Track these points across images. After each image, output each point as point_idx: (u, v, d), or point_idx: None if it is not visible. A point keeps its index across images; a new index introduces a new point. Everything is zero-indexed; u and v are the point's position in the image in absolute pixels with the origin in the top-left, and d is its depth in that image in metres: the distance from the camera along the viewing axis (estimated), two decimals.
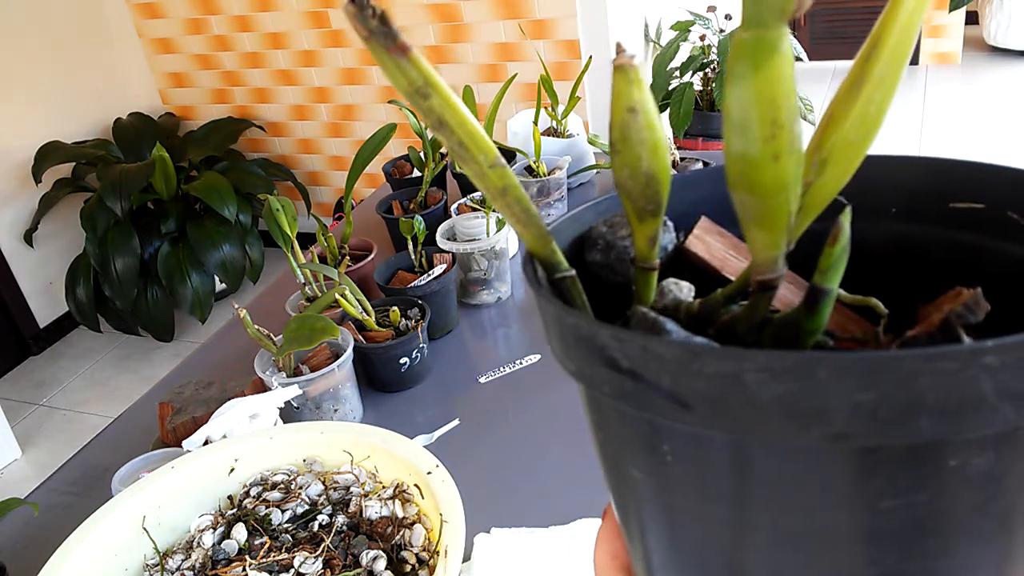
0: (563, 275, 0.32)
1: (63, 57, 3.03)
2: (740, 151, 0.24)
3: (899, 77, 0.24)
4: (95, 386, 2.82)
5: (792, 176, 0.24)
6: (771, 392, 0.23)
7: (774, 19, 0.22)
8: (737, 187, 0.25)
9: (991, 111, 3.82)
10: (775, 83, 0.23)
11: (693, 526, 0.29)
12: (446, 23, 2.75)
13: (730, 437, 0.26)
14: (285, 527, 0.72)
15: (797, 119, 0.24)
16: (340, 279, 1.03)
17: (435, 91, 0.25)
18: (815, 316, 0.27)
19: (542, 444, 0.95)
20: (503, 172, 0.27)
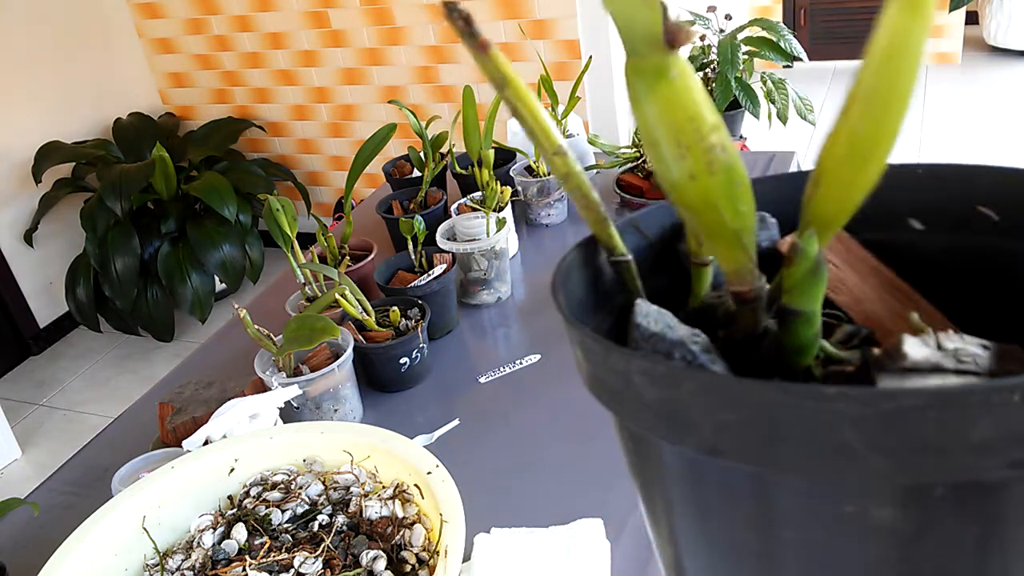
0: (618, 259, 0.32)
1: (63, 57, 3.03)
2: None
3: (899, 91, 0.23)
4: (95, 386, 2.82)
5: (718, 194, 0.24)
6: (652, 395, 0.24)
7: (648, 48, 0.22)
8: (676, 204, 0.26)
9: (991, 111, 3.82)
10: (671, 108, 0.23)
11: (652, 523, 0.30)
12: (446, 23, 2.74)
13: (643, 434, 0.27)
14: (285, 527, 0.72)
15: (713, 139, 0.23)
16: (340, 279, 1.03)
17: (509, 84, 0.28)
18: (789, 335, 0.27)
19: (542, 444, 0.95)
20: (566, 160, 0.29)
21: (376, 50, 2.92)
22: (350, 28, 2.91)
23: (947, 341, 0.24)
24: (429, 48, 2.82)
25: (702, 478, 0.27)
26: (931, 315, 0.30)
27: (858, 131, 0.24)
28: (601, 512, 0.80)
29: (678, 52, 0.22)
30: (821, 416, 0.21)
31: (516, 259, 1.38)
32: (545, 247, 1.43)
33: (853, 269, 0.31)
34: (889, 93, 0.23)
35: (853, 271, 0.31)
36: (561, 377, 1.05)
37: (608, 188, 1.57)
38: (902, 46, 0.22)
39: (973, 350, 0.24)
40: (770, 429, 0.22)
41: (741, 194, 0.25)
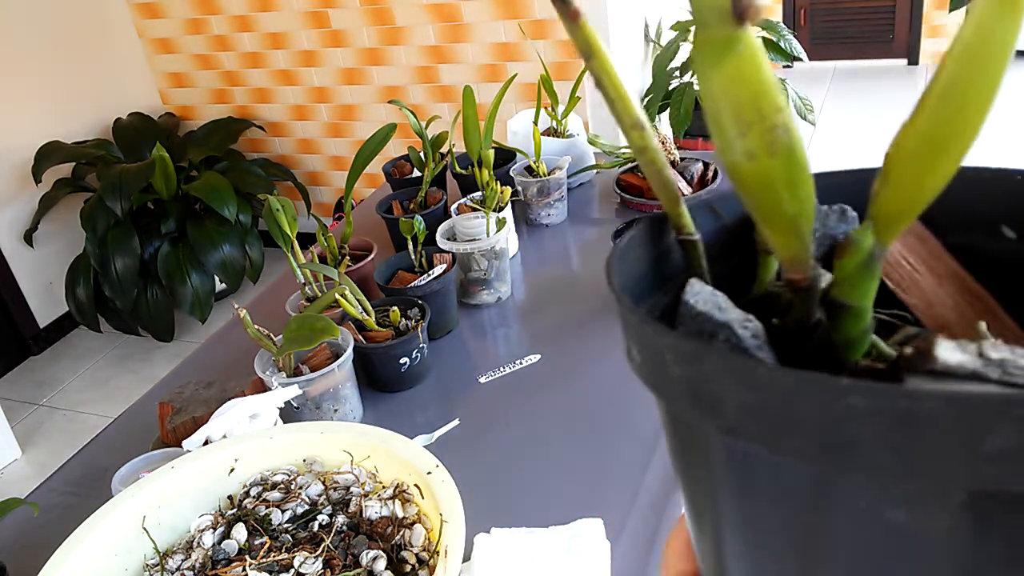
0: (686, 238, 0.32)
1: (63, 57, 3.03)
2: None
3: (979, 88, 0.22)
4: (95, 386, 2.82)
5: (777, 176, 0.24)
6: (677, 371, 0.24)
7: (717, 20, 0.22)
8: (733, 185, 0.26)
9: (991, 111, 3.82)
10: (735, 83, 0.23)
11: (705, 513, 0.30)
12: (446, 23, 2.75)
13: (682, 417, 0.27)
14: (285, 527, 0.72)
15: (776, 119, 0.23)
16: (340, 279, 1.03)
17: (595, 54, 0.29)
18: (838, 329, 0.27)
19: (542, 444, 0.95)
20: (643, 134, 0.29)
21: (376, 50, 2.92)
22: (350, 28, 2.91)
23: (992, 351, 0.23)
24: (429, 48, 2.82)
25: (742, 467, 0.26)
26: (1006, 326, 0.29)
27: (931, 127, 0.23)
28: (601, 512, 0.80)
29: (747, 27, 0.22)
30: (832, 407, 0.21)
31: (516, 259, 1.38)
32: (545, 247, 1.43)
33: (931, 271, 0.31)
34: (967, 89, 0.23)
35: (930, 273, 0.30)
36: (561, 377, 1.05)
37: (608, 188, 1.57)
38: (987, 39, 0.22)
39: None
40: (784, 415, 0.22)
41: (801, 179, 0.24)
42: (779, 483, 0.25)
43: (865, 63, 4.66)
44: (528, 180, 1.44)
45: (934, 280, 0.30)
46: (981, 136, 0.25)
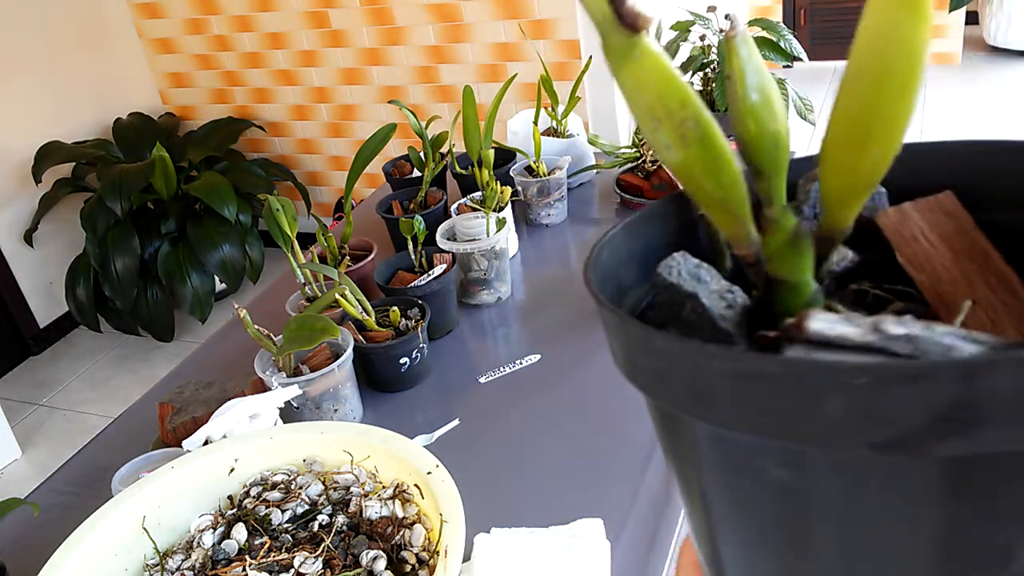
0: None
1: (63, 57, 3.03)
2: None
3: (892, 77, 0.23)
4: (95, 386, 2.82)
5: (694, 165, 0.26)
6: (640, 360, 0.26)
7: (612, 31, 0.24)
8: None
9: (991, 111, 3.82)
10: (640, 85, 0.25)
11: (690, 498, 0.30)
12: (446, 23, 2.75)
13: (663, 406, 0.29)
14: (285, 527, 0.72)
15: (684, 114, 0.25)
16: (340, 279, 1.03)
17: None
18: (776, 302, 0.29)
19: (542, 444, 0.95)
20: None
21: (376, 50, 2.92)
22: (350, 28, 2.91)
23: (895, 326, 0.24)
24: (429, 48, 2.82)
25: (719, 450, 0.27)
26: (1019, 305, 0.29)
27: (849, 117, 0.25)
28: (601, 512, 0.80)
29: (641, 35, 0.24)
30: (701, 369, 0.23)
31: (516, 259, 1.38)
32: (545, 247, 1.43)
33: (949, 248, 0.30)
34: (876, 80, 0.24)
35: (949, 250, 0.30)
36: (561, 377, 1.05)
37: (608, 188, 1.57)
38: (886, 33, 0.23)
39: (948, 342, 0.23)
40: (678, 379, 0.24)
41: (721, 166, 0.26)
42: (726, 452, 0.27)
43: None
44: (528, 180, 1.44)
45: (950, 257, 0.30)
46: (980, 136, 0.25)
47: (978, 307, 0.28)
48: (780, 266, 0.28)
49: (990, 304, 0.28)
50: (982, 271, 0.29)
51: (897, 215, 0.32)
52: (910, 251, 0.31)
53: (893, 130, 0.24)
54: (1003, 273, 0.29)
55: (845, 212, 0.27)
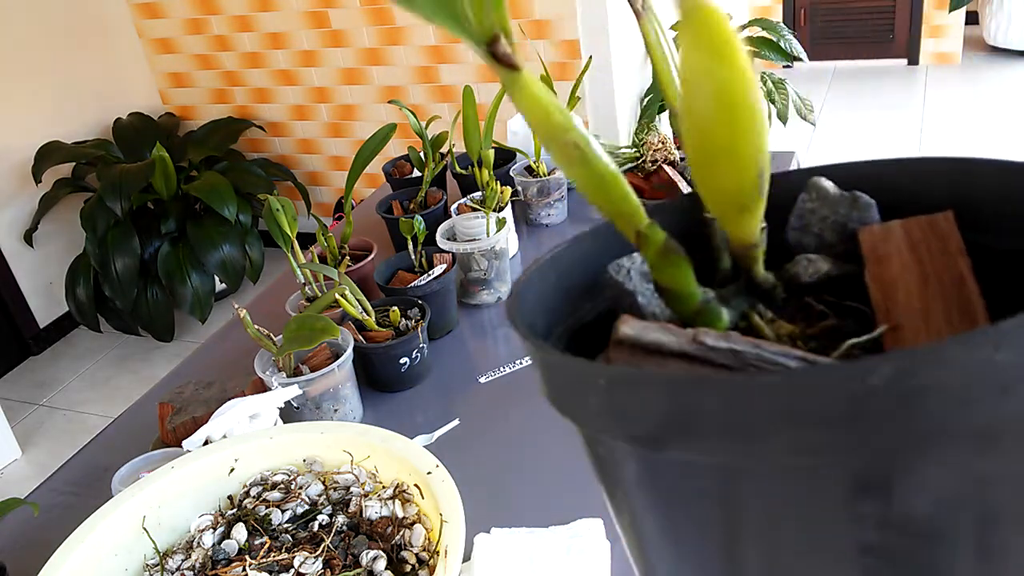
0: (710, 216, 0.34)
1: (63, 57, 3.03)
2: None
3: (719, 111, 0.25)
4: (95, 386, 2.82)
5: (583, 181, 0.28)
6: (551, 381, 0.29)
7: (495, 66, 0.27)
8: None
9: (991, 111, 3.82)
10: (527, 112, 0.27)
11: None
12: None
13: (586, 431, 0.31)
14: (285, 527, 0.72)
15: (565, 138, 0.27)
16: (340, 279, 1.03)
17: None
18: (670, 307, 0.31)
19: (542, 444, 0.95)
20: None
21: (376, 50, 2.92)
22: (350, 28, 2.91)
23: (712, 339, 0.26)
24: (429, 48, 2.82)
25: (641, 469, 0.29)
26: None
27: (695, 144, 0.27)
28: (601, 512, 0.80)
29: (520, 71, 0.27)
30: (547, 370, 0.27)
31: (516, 259, 1.38)
32: (545, 247, 1.43)
33: (922, 271, 0.30)
34: (705, 116, 0.26)
35: (920, 273, 0.30)
36: None
37: None
38: (706, 79, 0.25)
39: (778, 359, 0.25)
40: (575, 394, 0.27)
41: (607, 184, 0.28)
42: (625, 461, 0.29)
43: (865, 63, 4.67)
44: (528, 180, 1.44)
45: (918, 281, 0.30)
46: (980, 136, 0.25)
47: (934, 332, 0.28)
48: (661, 276, 0.30)
49: (939, 336, 0.28)
50: (947, 300, 0.29)
51: (881, 232, 0.31)
52: (878, 270, 0.30)
53: (735, 158, 0.26)
54: (969, 305, 0.28)
55: (734, 227, 0.28)
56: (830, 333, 0.30)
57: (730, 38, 0.24)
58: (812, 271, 0.31)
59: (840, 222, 0.32)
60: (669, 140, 1.49)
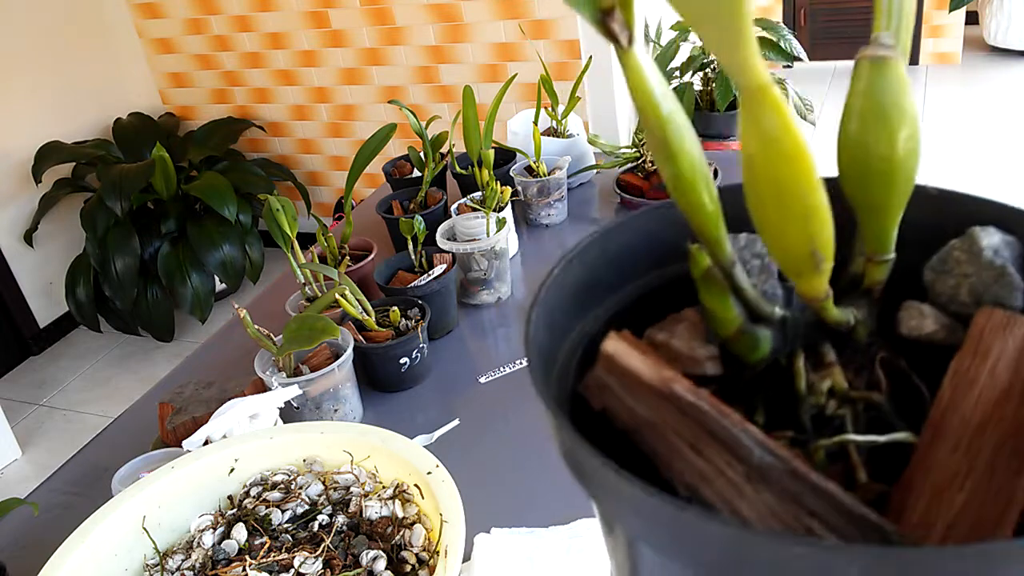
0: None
1: (63, 57, 3.03)
2: None
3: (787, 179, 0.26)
4: (95, 386, 2.82)
5: (665, 170, 0.29)
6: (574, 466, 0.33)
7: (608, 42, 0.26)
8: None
9: (991, 111, 3.82)
10: (632, 92, 0.27)
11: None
12: (446, 23, 2.75)
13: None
14: (285, 527, 0.72)
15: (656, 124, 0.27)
16: (340, 279, 1.03)
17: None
18: (711, 327, 0.33)
19: (542, 444, 0.94)
20: None
21: (376, 50, 2.92)
22: (350, 28, 2.91)
23: (688, 394, 0.28)
24: (429, 48, 2.82)
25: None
26: (1007, 497, 0.26)
27: (757, 212, 0.27)
28: None
29: (627, 48, 0.26)
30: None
31: (516, 259, 1.38)
32: (545, 247, 1.43)
33: (1007, 388, 0.27)
34: (772, 196, 0.26)
35: (1003, 389, 0.27)
36: None
37: (608, 188, 1.57)
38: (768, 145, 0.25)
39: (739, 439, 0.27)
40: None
41: (683, 185, 0.28)
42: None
43: None
44: (528, 180, 1.44)
45: (998, 396, 0.27)
46: (980, 136, 0.26)
47: (967, 480, 0.25)
48: (703, 296, 0.30)
49: (979, 484, 0.25)
50: (1008, 439, 0.25)
51: (1001, 321, 0.28)
52: (966, 363, 0.28)
53: (786, 238, 0.26)
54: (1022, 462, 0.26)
55: (797, 283, 0.28)
56: (869, 407, 0.29)
57: (792, 130, 0.24)
58: (913, 326, 0.30)
59: (978, 289, 0.30)
60: None
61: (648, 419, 0.28)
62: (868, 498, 0.26)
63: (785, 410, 0.30)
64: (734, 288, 0.30)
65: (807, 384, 0.30)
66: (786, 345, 0.31)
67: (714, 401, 0.27)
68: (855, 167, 0.27)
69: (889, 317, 0.31)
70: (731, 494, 0.25)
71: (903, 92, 0.25)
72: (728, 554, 0.22)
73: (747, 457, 0.26)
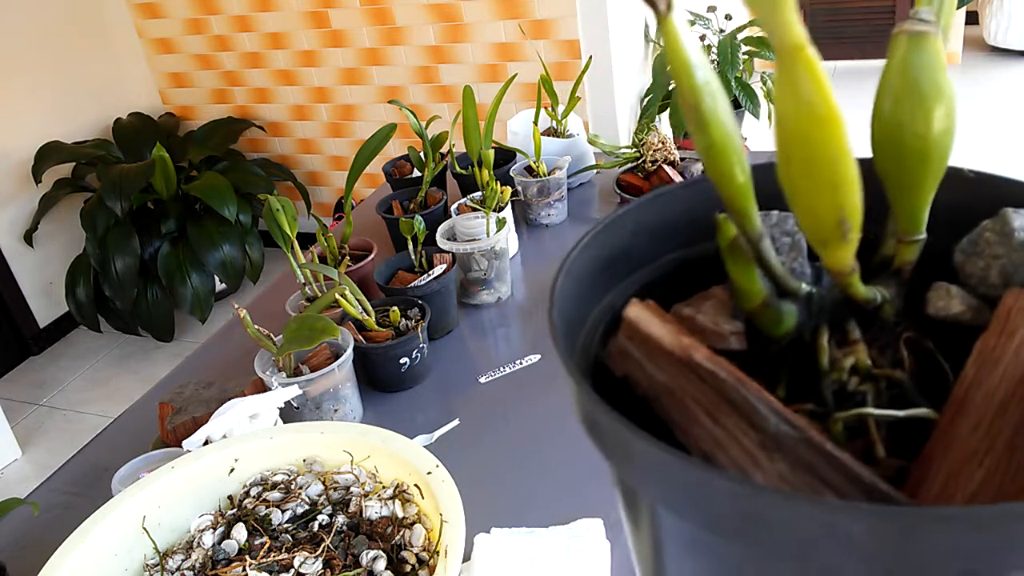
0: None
1: (63, 57, 3.03)
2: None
3: (817, 151, 0.26)
4: (95, 386, 2.82)
5: (697, 139, 0.28)
6: (595, 426, 0.30)
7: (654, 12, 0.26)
8: None
9: (991, 111, 3.82)
10: (671, 53, 0.27)
11: None
12: (446, 23, 2.75)
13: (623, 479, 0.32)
14: (285, 527, 0.72)
15: (690, 94, 0.27)
16: (340, 279, 1.03)
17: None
18: (738, 302, 0.33)
19: (542, 444, 0.95)
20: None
21: (376, 50, 2.92)
22: (350, 28, 2.90)
23: (706, 362, 0.28)
24: (429, 48, 2.82)
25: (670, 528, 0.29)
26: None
27: (790, 183, 0.27)
28: (601, 512, 0.80)
29: (666, 15, 0.26)
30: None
31: (516, 259, 1.38)
32: (545, 247, 1.43)
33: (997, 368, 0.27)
34: (805, 162, 0.26)
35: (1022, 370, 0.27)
36: (561, 377, 1.05)
37: (608, 188, 1.57)
38: (808, 136, 0.26)
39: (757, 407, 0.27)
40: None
41: (716, 154, 0.28)
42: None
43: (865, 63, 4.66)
44: (528, 180, 1.44)
45: (1017, 377, 0.27)
46: (980, 136, 0.26)
47: (987, 458, 0.25)
48: (729, 267, 0.30)
49: (998, 462, 0.25)
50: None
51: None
52: (992, 341, 0.28)
53: (816, 203, 0.26)
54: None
55: (823, 255, 0.28)
56: (892, 384, 0.29)
57: (826, 93, 0.24)
58: (941, 307, 0.30)
59: (1009, 270, 0.30)
60: (669, 140, 1.49)
61: (667, 386, 0.28)
62: (887, 474, 0.26)
63: (807, 385, 0.30)
64: (761, 262, 0.30)
65: (830, 360, 0.30)
66: (811, 321, 0.31)
67: (732, 369, 0.27)
68: (889, 145, 0.27)
69: (919, 298, 0.31)
70: (745, 461, 0.25)
71: (940, 69, 0.25)
72: (738, 512, 0.22)
73: (763, 425, 0.26)
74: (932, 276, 0.31)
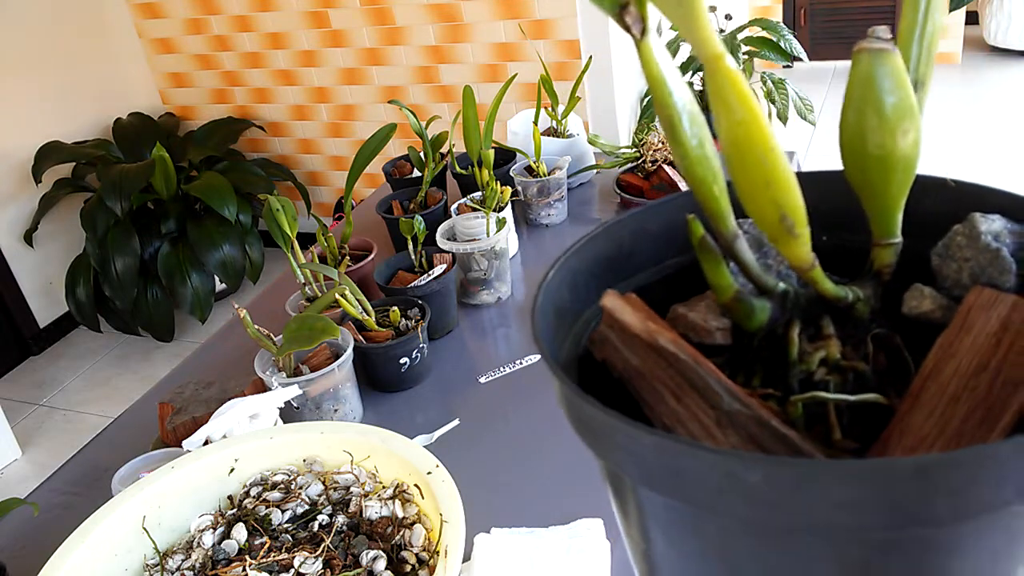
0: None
1: (63, 57, 3.03)
2: None
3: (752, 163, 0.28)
4: (95, 386, 2.82)
5: (674, 149, 0.30)
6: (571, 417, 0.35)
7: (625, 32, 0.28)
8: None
9: (991, 111, 3.82)
10: (648, 74, 0.28)
11: None
12: (446, 23, 2.75)
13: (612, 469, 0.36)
14: (285, 527, 0.72)
15: (663, 109, 0.29)
16: (340, 279, 1.03)
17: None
18: (713, 292, 0.35)
19: (542, 444, 0.95)
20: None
21: (376, 50, 2.92)
22: (350, 28, 2.90)
23: (668, 344, 0.31)
24: (429, 48, 2.82)
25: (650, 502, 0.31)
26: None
27: (737, 182, 0.29)
28: (601, 512, 0.80)
29: (641, 39, 0.27)
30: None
31: (516, 259, 1.38)
32: (545, 247, 1.43)
33: (985, 357, 0.28)
34: (740, 162, 0.28)
35: (982, 359, 0.28)
36: None
37: (608, 188, 1.57)
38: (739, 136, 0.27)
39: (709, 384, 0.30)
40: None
41: (691, 165, 0.30)
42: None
43: None
44: (528, 180, 1.44)
45: (976, 365, 0.29)
46: (980, 136, 0.27)
47: (935, 445, 0.27)
48: (702, 264, 0.32)
49: (948, 446, 0.26)
50: (982, 397, 0.27)
51: (988, 299, 0.30)
52: (951, 337, 0.29)
53: (756, 201, 0.28)
54: (998, 416, 0.27)
55: (782, 250, 0.30)
56: (858, 376, 0.31)
57: (745, 97, 0.26)
58: (913, 306, 0.32)
59: (977, 271, 0.31)
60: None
61: (638, 368, 0.31)
62: (841, 455, 0.29)
63: (779, 375, 0.32)
64: (737, 261, 0.32)
65: (799, 352, 0.32)
66: (784, 316, 0.33)
67: (692, 351, 0.29)
68: (854, 155, 0.28)
69: (900, 300, 0.33)
70: (702, 435, 0.28)
71: (900, 84, 0.26)
72: (663, 463, 0.25)
73: (717, 403, 0.29)
74: (915, 279, 0.33)
